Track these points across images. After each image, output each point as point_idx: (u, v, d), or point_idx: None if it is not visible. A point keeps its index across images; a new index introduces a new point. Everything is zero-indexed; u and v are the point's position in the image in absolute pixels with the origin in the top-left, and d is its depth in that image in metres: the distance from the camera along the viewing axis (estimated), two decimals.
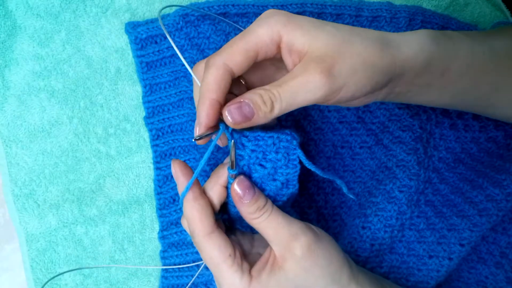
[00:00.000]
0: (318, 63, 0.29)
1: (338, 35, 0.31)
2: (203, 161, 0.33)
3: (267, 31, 0.31)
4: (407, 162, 0.44)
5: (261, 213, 0.33)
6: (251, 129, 0.33)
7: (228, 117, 0.30)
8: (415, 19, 0.45)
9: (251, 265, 0.34)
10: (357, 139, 0.46)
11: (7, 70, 0.47)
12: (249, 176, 0.34)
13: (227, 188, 0.35)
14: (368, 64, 0.30)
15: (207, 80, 0.31)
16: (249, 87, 0.36)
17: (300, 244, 0.32)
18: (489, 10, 0.49)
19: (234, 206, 0.35)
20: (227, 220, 0.38)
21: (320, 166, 0.46)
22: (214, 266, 0.33)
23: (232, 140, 0.33)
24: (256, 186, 0.34)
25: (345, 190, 0.35)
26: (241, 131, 0.33)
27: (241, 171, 0.34)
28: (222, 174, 0.35)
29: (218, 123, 0.33)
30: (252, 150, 0.33)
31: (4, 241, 0.52)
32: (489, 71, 0.36)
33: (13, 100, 0.47)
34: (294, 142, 0.33)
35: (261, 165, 0.33)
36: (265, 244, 0.36)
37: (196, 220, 0.33)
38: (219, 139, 0.35)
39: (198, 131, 0.32)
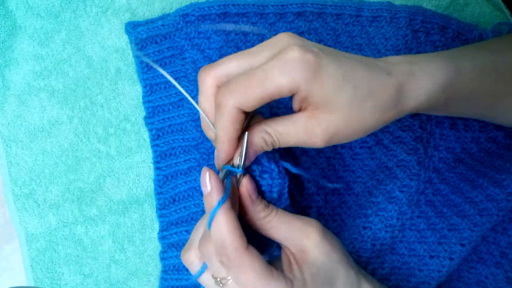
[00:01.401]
0: (324, 131, 0.31)
1: (353, 103, 0.30)
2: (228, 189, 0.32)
3: (288, 84, 0.29)
4: (408, 162, 0.44)
5: (268, 212, 0.33)
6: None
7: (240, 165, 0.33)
8: (415, 19, 0.45)
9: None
10: (357, 139, 0.46)
11: (7, 70, 0.47)
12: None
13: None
14: (370, 128, 0.32)
15: (223, 123, 0.31)
16: None
17: (315, 230, 0.33)
18: (489, 10, 0.49)
19: None
20: None
21: (321, 166, 0.46)
22: (260, 280, 0.31)
23: (245, 138, 0.33)
24: None
25: (329, 186, 0.37)
26: None
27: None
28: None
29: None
30: (252, 163, 0.34)
31: (4, 241, 0.52)
32: (488, 96, 0.37)
33: (13, 100, 0.47)
34: (277, 155, 0.35)
35: (261, 177, 0.34)
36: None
37: (233, 233, 0.30)
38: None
39: (219, 164, 0.34)
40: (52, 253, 0.47)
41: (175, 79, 0.47)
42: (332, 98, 0.30)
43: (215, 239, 0.31)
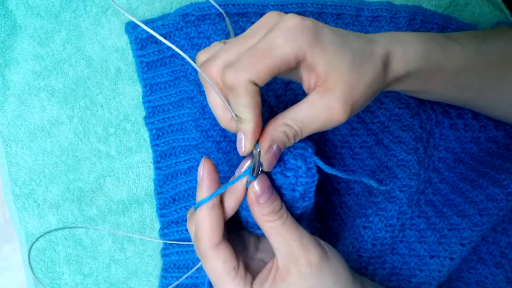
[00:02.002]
0: (343, 104, 0.30)
1: (356, 65, 0.30)
2: (234, 180, 0.32)
3: (294, 50, 0.29)
4: (408, 162, 0.44)
5: (275, 217, 0.32)
6: None
7: (269, 167, 0.31)
8: (415, 19, 0.45)
9: (254, 274, 0.33)
10: (357, 139, 0.46)
11: (7, 69, 0.47)
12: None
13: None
14: (375, 91, 0.32)
15: (244, 102, 0.30)
16: None
17: (308, 262, 0.31)
18: (489, 10, 0.49)
19: (246, 210, 0.34)
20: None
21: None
22: (217, 278, 0.32)
23: (258, 149, 0.32)
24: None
25: (375, 185, 0.35)
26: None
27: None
28: (240, 188, 0.34)
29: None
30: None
31: (4, 241, 0.52)
32: (476, 79, 0.37)
33: (13, 100, 0.47)
34: (309, 150, 0.33)
35: (283, 174, 0.33)
36: (270, 249, 0.35)
37: (207, 228, 0.32)
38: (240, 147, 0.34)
39: (246, 148, 0.32)
40: (52, 253, 0.47)
41: (175, 79, 0.47)
42: (336, 62, 0.30)
43: (195, 227, 0.33)
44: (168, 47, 0.47)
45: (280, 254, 0.32)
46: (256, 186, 0.31)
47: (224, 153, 0.46)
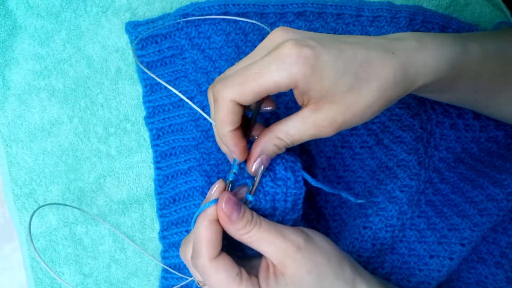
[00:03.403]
0: (331, 123, 0.31)
1: (356, 89, 0.30)
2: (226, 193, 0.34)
3: (285, 80, 0.29)
4: (408, 162, 0.44)
5: (251, 227, 0.32)
6: None
7: (253, 173, 0.34)
8: (416, 19, 0.45)
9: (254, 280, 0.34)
10: (357, 139, 0.46)
11: (7, 69, 0.47)
12: (263, 199, 0.34)
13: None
14: (377, 110, 0.32)
15: (220, 117, 0.32)
16: None
17: (296, 247, 0.32)
18: (489, 10, 0.49)
19: None
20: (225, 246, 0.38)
21: (321, 166, 0.46)
22: None
23: (262, 168, 0.33)
24: (271, 207, 0.35)
25: (352, 199, 0.36)
26: None
27: (257, 193, 0.35)
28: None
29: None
30: (266, 168, 0.34)
31: (4, 241, 0.52)
32: (493, 80, 0.37)
33: (13, 100, 0.47)
34: (298, 164, 0.35)
35: (274, 183, 0.34)
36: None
37: (206, 242, 0.32)
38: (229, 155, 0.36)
39: (238, 157, 0.34)
40: (52, 253, 0.47)
41: (175, 79, 0.47)
42: (333, 88, 0.30)
43: (194, 240, 0.33)
44: (169, 47, 0.47)
45: (269, 254, 0.33)
46: (224, 207, 0.32)
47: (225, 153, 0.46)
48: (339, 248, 0.36)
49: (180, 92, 0.47)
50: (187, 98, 0.47)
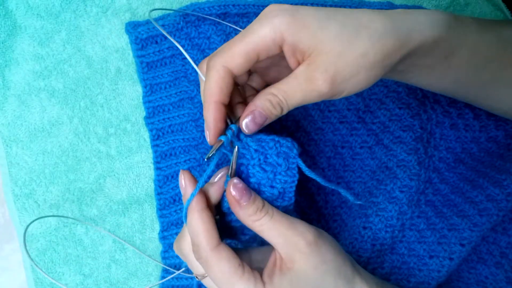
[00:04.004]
0: (323, 73, 0.30)
1: (344, 35, 0.30)
2: (206, 174, 0.33)
3: (270, 32, 0.30)
4: (408, 162, 0.44)
5: (262, 214, 0.32)
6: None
7: (246, 129, 0.32)
8: None
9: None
10: (357, 139, 0.46)
11: (7, 70, 0.47)
12: (247, 180, 0.34)
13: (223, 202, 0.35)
14: (372, 63, 0.30)
15: (209, 84, 0.31)
16: (257, 72, 0.37)
17: (307, 242, 0.32)
18: (489, 10, 0.49)
19: (229, 214, 0.34)
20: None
21: (321, 165, 0.46)
22: (226, 280, 0.32)
23: (236, 148, 0.33)
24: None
25: (350, 198, 0.36)
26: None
27: (240, 174, 0.34)
28: (218, 183, 0.35)
29: (226, 126, 0.33)
30: (255, 150, 0.33)
31: (4, 241, 0.52)
32: (493, 60, 0.35)
33: (13, 100, 0.47)
34: (294, 151, 0.34)
35: (261, 167, 0.33)
36: (263, 258, 0.35)
37: (203, 232, 0.32)
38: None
39: (208, 136, 0.33)
40: (52, 253, 0.47)
41: (175, 79, 0.47)
42: (319, 35, 0.30)
43: (190, 235, 0.33)
44: (169, 47, 0.47)
45: (279, 246, 0.32)
46: (232, 190, 0.32)
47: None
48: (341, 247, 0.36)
49: (180, 92, 0.47)
50: (187, 98, 0.47)
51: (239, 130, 0.33)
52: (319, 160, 0.46)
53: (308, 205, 0.47)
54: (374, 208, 0.44)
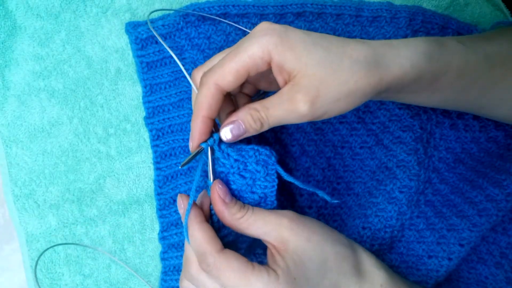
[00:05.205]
0: (304, 95, 0.31)
1: (327, 62, 0.31)
2: (194, 184, 0.35)
3: (258, 51, 0.31)
4: (408, 162, 0.44)
5: (245, 211, 0.34)
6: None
7: (224, 137, 0.34)
8: (415, 19, 0.45)
9: None
10: (357, 139, 0.46)
11: (7, 70, 0.47)
12: (228, 188, 0.35)
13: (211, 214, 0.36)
14: (353, 91, 0.32)
15: (200, 99, 0.33)
16: (249, 82, 0.38)
17: (289, 219, 0.34)
18: (489, 10, 0.49)
19: (229, 233, 0.36)
20: None
21: (321, 166, 0.46)
22: (239, 277, 0.32)
23: (209, 150, 0.35)
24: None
25: (328, 199, 0.37)
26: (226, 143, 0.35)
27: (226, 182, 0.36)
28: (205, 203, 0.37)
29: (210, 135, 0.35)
30: (235, 160, 0.35)
31: (4, 241, 0.52)
32: (480, 78, 0.37)
33: (13, 100, 0.47)
34: (273, 158, 0.35)
35: (241, 175, 0.35)
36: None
37: (207, 239, 0.33)
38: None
39: (191, 146, 0.35)
40: (52, 254, 0.47)
41: (175, 79, 0.47)
42: (304, 59, 0.31)
43: (195, 248, 0.34)
44: (168, 48, 0.47)
45: (267, 235, 0.34)
46: (218, 189, 0.34)
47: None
48: None
49: (180, 92, 0.47)
50: (187, 98, 0.47)
51: (221, 139, 0.35)
52: (319, 160, 0.46)
53: (308, 205, 0.47)
54: (373, 209, 0.44)
